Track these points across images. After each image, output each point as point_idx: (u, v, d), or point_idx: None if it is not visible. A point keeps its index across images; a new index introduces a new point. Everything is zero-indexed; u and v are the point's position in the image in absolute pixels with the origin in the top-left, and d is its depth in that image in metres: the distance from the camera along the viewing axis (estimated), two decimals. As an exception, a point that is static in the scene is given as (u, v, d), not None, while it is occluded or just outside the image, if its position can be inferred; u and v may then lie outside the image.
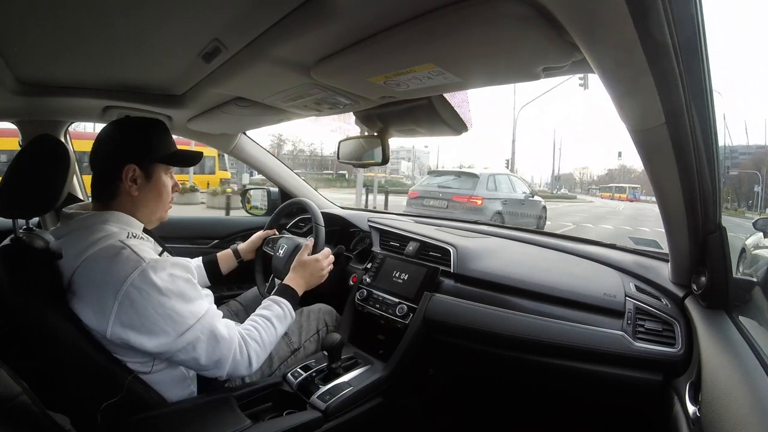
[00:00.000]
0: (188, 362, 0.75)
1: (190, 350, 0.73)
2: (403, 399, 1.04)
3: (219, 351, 0.75)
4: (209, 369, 0.77)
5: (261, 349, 0.83)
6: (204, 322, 0.74)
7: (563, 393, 1.08)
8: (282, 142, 41.17)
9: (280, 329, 0.89)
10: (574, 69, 0.62)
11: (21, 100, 1.06)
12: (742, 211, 17.44)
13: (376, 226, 1.43)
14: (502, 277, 1.04)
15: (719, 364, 0.60)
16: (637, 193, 26.08)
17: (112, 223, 0.77)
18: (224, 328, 0.77)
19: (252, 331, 0.84)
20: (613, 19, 0.41)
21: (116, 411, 0.70)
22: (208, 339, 0.74)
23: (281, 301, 0.93)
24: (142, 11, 0.61)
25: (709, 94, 0.53)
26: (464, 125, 0.95)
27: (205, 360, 0.75)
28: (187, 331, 0.72)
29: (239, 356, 0.78)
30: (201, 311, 0.75)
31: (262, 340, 0.84)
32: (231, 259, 1.23)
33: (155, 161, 0.82)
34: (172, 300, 0.71)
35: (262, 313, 0.90)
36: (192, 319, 0.73)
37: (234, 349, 0.78)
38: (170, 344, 0.71)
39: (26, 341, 0.75)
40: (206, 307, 0.77)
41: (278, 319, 0.90)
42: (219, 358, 0.76)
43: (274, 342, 0.88)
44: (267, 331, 0.86)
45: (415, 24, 0.53)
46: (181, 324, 0.71)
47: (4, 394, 0.57)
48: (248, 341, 0.81)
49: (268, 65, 0.72)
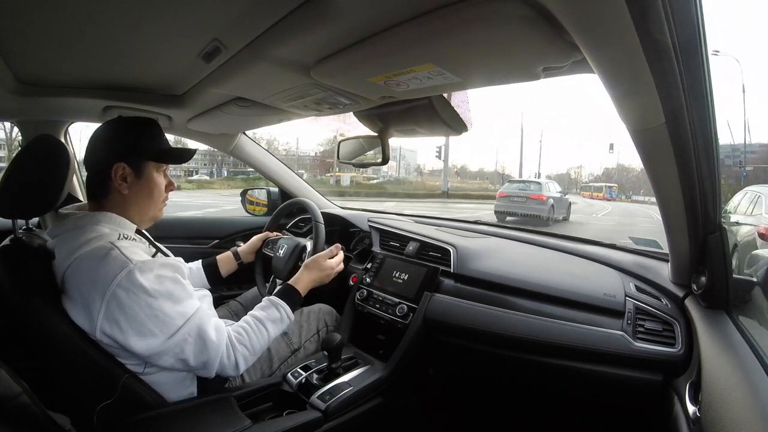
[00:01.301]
0: (177, 365, 0.75)
1: (178, 352, 0.73)
2: (403, 399, 1.04)
3: (206, 353, 0.76)
4: (198, 370, 0.78)
5: (249, 353, 0.83)
6: (192, 324, 0.74)
7: (563, 393, 1.08)
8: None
9: (273, 332, 0.89)
10: (574, 69, 0.62)
11: (21, 100, 1.06)
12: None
13: (376, 226, 1.43)
14: (502, 277, 1.04)
15: (719, 364, 0.60)
16: (613, 193, 26.54)
17: (103, 224, 0.77)
18: (213, 330, 0.77)
19: (242, 336, 0.84)
20: (613, 19, 0.41)
21: (114, 412, 0.70)
22: (195, 341, 0.74)
23: (279, 304, 0.93)
24: (142, 11, 0.61)
25: (709, 94, 0.53)
26: (464, 125, 0.95)
27: (194, 362, 0.75)
28: (176, 333, 0.72)
29: (226, 360, 0.79)
30: (189, 311, 0.75)
31: (251, 344, 0.84)
32: (231, 261, 1.23)
33: (145, 159, 0.82)
34: (159, 301, 0.71)
35: (257, 315, 0.89)
36: (180, 320, 0.73)
37: (221, 352, 0.78)
38: (159, 346, 0.71)
39: (26, 341, 0.75)
40: (195, 306, 0.77)
41: (273, 322, 0.89)
42: (206, 360, 0.76)
43: (265, 346, 0.88)
44: (258, 335, 0.86)
45: (415, 24, 0.53)
46: (169, 325, 0.71)
47: (4, 394, 0.57)
48: (236, 346, 0.81)
49: (268, 65, 0.72)
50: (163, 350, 0.72)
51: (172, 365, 0.75)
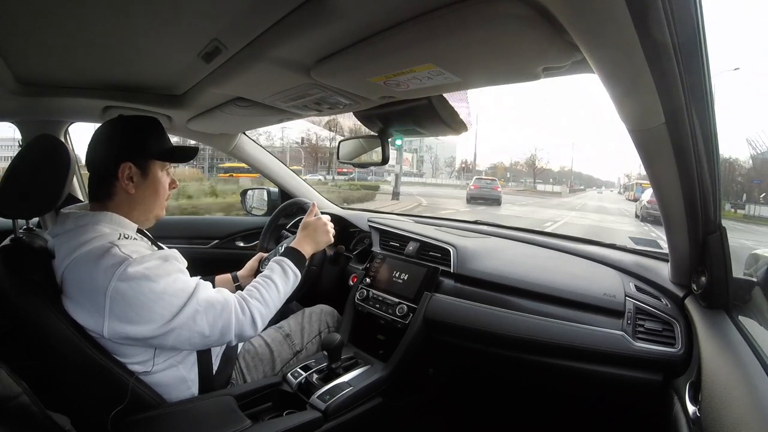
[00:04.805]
0: (194, 338, 0.74)
1: (191, 324, 0.73)
2: (403, 399, 1.04)
3: (220, 317, 0.75)
4: (216, 338, 0.77)
5: (263, 306, 0.82)
6: (198, 295, 0.74)
7: (563, 393, 1.08)
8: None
9: (282, 286, 0.88)
10: (574, 69, 0.62)
11: (21, 100, 1.06)
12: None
13: (376, 226, 1.43)
14: (501, 277, 1.04)
15: (719, 364, 0.60)
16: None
17: (104, 223, 0.76)
18: (217, 293, 0.77)
19: (252, 290, 0.84)
20: (613, 19, 0.41)
21: (122, 415, 0.70)
22: (206, 309, 0.74)
23: (282, 260, 0.92)
24: (142, 11, 0.61)
25: (709, 94, 0.53)
26: (464, 125, 0.95)
27: (209, 330, 0.74)
28: (184, 307, 0.72)
29: (242, 315, 0.78)
30: (191, 287, 0.75)
31: (262, 297, 0.83)
32: (229, 283, 1.20)
33: (151, 158, 0.82)
34: (161, 283, 0.71)
35: (262, 273, 0.90)
36: (184, 295, 0.73)
37: (234, 309, 0.77)
38: (171, 324, 0.71)
39: (26, 341, 0.75)
40: (195, 282, 0.77)
41: (279, 276, 0.89)
42: (222, 324, 0.76)
43: (278, 300, 0.87)
44: (267, 289, 0.85)
45: (415, 24, 0.53)
46: (174, 303, 0.71)
47: (4, 394, 0.57)
48: (249, 300, 0.81)
49: (268, 65, 0.72)
50: (176, 326, 0.71)
51: (188, 340, 0.74)
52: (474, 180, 17.48)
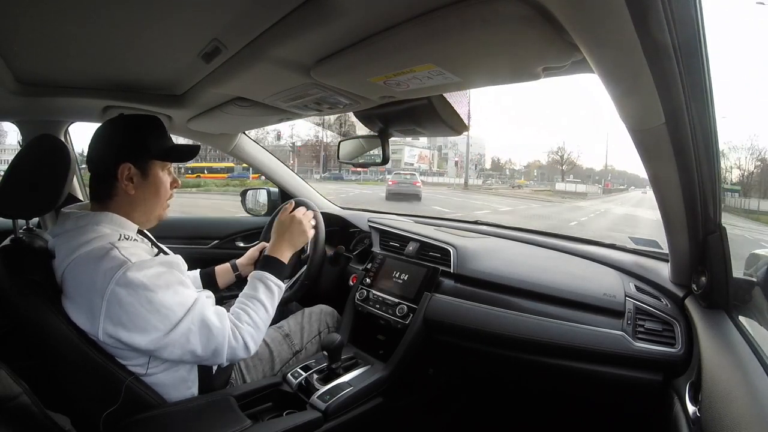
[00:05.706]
0: (186, 356, 0.74)
1: (184, 343, 0.72)
2: (403, 399, 1.04)
3: (213, 340, 0.75)
4: (208, 359, 0.77)
5: (254, 329, 0.82)
6: (194, 313, 0.74)
7: (563, 393, 1.08)
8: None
9: (269, 304, 0.88)
10: (574, 69, 0.62)
11: (21, 100, 1.06)
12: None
13: (376, 226, 1.43)
14: (501, 277, 1.04)
15: (719, 364, 0.60)
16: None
17: (104, 224, 0.76)
18: (215, 316, 0.77)
19: (241, 315, 0.83)
20: (613, 19, 0.41)
21: (118, 416, 0.70)
22: (200, 329, 0.74)
23: (263, 276, 0.91)
24: (142, 11, 0.61)
25: (709, 94, 0.53)
26: (464, 125, 0.95)
27: (202, 350, 0.74)
28: (179, 324, 0.71)
29: (234, 342, 0.78)
30: (189, 302, 0.74)
31: (253, 320, 0.83)
32: (229, 273, 1.20)
33: (151, 158, 0.81)
34: (159, 294, 0.70)
35: (246, 293, 0.88)
36: (181, 310, 0.72)
37: (228, 335, 0.77)
38: (164, 339, 0.70)
39: (26, 341, 0.75)
40: (194, 296, 0.76)
41: (264, 294, 0.88)
42: (215, 347, 0.75)
43: (267, 319, 0.87)
44: (256, 310, 0.85)
45: (415, 24, 0.53)
46: (171, 317, 0.71)
47: (4, 394, 0.57)
48: (239, 325, 0.80)
49: (268, 65, 0.72)
50: (169, 342, 0.71)
51: (180, 357, 0.74)
52: (392, 175, 17.04)
